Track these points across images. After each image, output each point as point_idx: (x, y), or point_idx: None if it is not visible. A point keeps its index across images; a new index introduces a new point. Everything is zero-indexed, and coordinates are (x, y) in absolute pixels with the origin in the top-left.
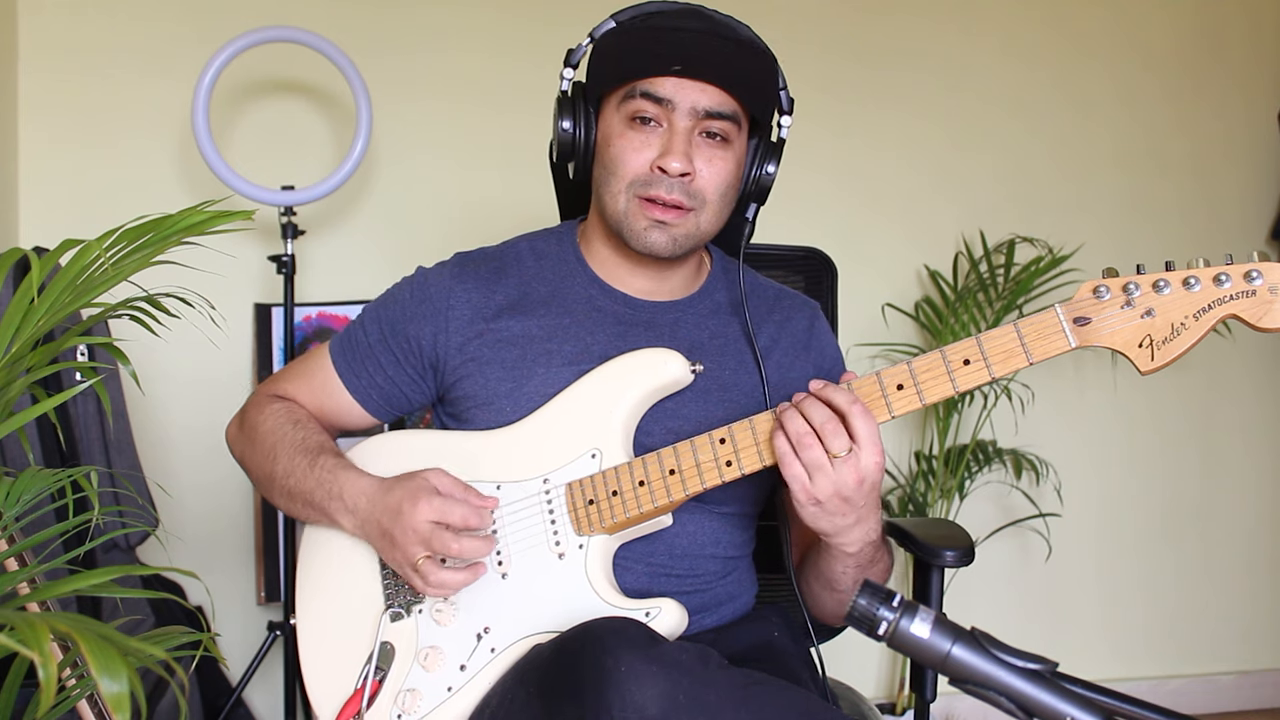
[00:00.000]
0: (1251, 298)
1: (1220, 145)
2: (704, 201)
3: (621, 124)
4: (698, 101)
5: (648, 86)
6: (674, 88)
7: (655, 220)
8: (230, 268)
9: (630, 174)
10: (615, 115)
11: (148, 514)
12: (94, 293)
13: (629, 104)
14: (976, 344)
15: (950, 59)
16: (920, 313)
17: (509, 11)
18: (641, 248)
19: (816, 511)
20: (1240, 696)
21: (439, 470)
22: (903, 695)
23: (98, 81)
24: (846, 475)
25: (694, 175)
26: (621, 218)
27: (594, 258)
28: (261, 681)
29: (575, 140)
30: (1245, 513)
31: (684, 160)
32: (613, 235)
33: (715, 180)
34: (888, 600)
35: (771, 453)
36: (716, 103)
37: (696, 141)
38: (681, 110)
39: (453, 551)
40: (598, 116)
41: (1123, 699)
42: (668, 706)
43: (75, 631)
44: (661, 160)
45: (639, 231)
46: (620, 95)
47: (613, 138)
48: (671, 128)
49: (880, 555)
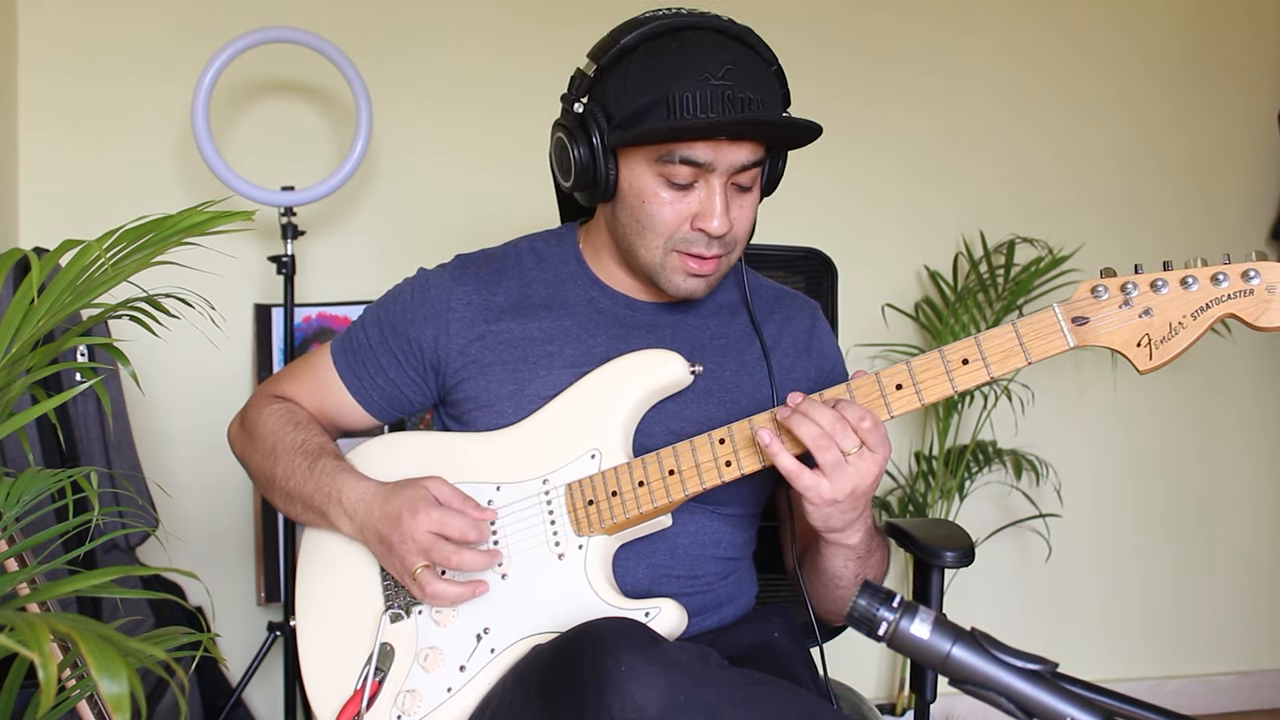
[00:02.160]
0: (1249, 297)
1: (1220, 145)
2: (736, 243)
3: (654, 182)
4: (735, 160)
5: (687, 152)
6: (713, 152)
7: (693, 273)
8: (230, 268)
9: (669, 231)
10: (647, 171)
11: (148, 514)
12: (94, 293)
13: (666, 167)
14: (975, 344)
15: (950, 59)
16: (920, 313)
17: (509, 11)
18: (677, 295)
19: (830, 511)
20: (1240, 697)
21: (439, 479)
22: (903, 695)
23: (98, 81)
24: (863, 470)
25: (731, 228)
26: (658, 269)
27: (595, 260)
28: (261, 682)
29: (593, 176)
30: (1245, 513)
31: (724, 220)
32: (636, 270)
33: (745, 224)
34: (888, 601)
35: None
36: (751, 155)
37: (729, 193)
38: (719, 171)
39: (452, 564)
40: (618, 156)
41: (1123, 699)
42: (668, 706)
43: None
44: (703, 224)
45: (677, 283)
46: (654, 153)
47: (646, 195)
48: (708, 187)
49: (876, 544)
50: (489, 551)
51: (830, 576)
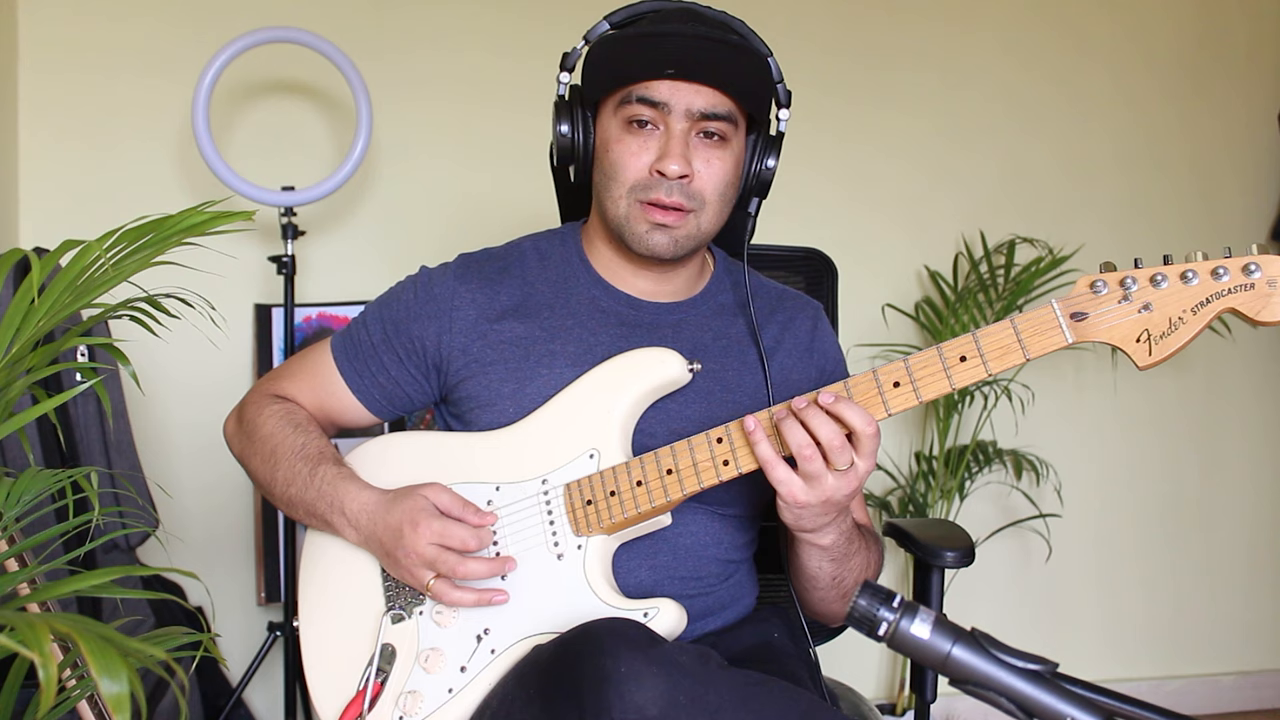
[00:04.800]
0: (1249, 291)
1: (1220, 145)
2: (704, 202)
3: (619, 129)
4: (693, 103)
5: (643, 91)
6: (669, 91)
7: (656, 223)
8: (230, 268)
9: (630, 178)
10: (612, 120)
11: (148, 514)
12: (94, 293)
13: (625, 109)
14: (973, 340)
15: (950, 59)
16: (920, 313)
17: (509, 11)
18: (643, 250)
19: (801, 513)
20: (1241, 697)
21: (438, 486)
22: (903, 695)
23: (98, 81)
24: (841, 485)
25: (693, 176)
26: (623, 221)
27: (597, 259)
28: (261, 682)
29: (574, 144)
30: (1245, 513)
31: (682, 162)
32: (614, 238)
33: (714, 180)
34: (888, 601)
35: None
36: (712, 103)
37: (694, 143)
38: (677, 113)
39: (459, 574)
40: (595, 121)
41: (1123, 699)
42: (667, 707)
43: (75, 632)
44: (660, 164)
45: (640, 235)
46: (616, 100)
47: (610, 143)
48: (668, 130)
49: (855, 548)
50: (500, 559)
51: (808, 576)
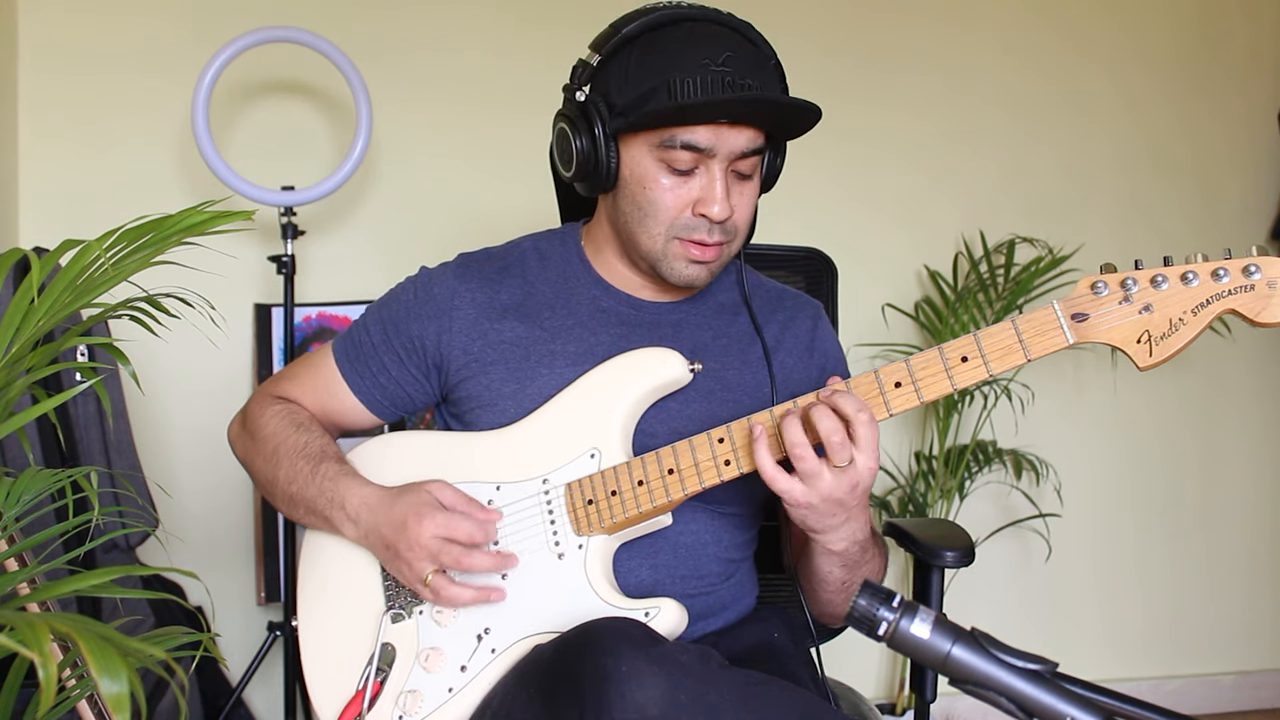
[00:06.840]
0: (1250, 292)
1: (1220, 145)
2: (737, 233)
3: (655, 167)
4: (735, 146)
5: (688, 137)
6: (714, 137)
7: (694, 260)
8: (230, 268)
9: (670, 218)
10: (648, 157)
11: (148, 514)
12: (94, 293)
13: (667, 152)
14: (974, 341)
15: (950, 59)
16: (920, 313)
17: (509, 11)
18: (680, 283)
19: (806, 513)
20: (1240, 697)
21: (442, 483)
22: (903, 695)
23: (98, 81)
24: (842, 481)
25: (731, 214)
26: (659, 256)
27: (598, 260)
28: (261, 682)
29: (595, 165)
30: (1245, 512)
31: (726, 206)
32: (637, 259)
33: (746, 211)
34: (888, 601)
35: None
36: (751, 141)
37: (730, 180)
38: (720, 156)
39: (462, 566)
40: (619, 143)
41: (1123, 699)
42: (668, 706)
43: (75, 632)
44: (704, 209)
45: (679, 270)
46: (655, 139)
47: (647, 180)
48: (710, 173)
49: (869, 556)
50: (501, 554)
51: (819, 578)
